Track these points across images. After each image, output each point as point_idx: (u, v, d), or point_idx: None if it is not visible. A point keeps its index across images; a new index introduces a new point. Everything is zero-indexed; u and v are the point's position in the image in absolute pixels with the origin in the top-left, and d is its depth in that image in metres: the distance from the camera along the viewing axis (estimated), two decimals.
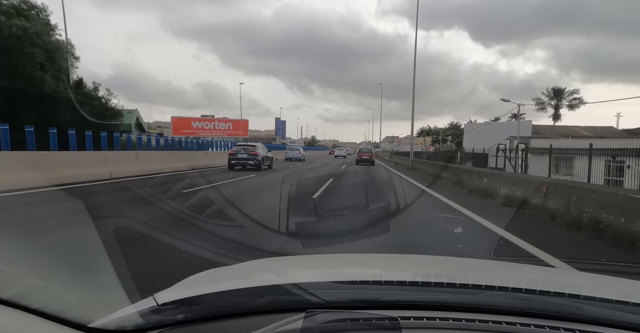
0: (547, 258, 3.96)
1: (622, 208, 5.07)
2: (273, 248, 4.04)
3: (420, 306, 1.02)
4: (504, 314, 0.97)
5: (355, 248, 4.16)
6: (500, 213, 7.11)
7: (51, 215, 5.84)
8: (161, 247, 4.01)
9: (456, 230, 5.31)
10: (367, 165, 25.03)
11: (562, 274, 2.38)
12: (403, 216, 6.57)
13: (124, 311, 1.00)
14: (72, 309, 0.96)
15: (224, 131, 55.92)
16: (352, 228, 5.29)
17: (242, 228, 5.17)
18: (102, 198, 7.72)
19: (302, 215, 6.01)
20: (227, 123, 57.15)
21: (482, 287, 1.13)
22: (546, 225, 6.00)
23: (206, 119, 58.23)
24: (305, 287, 1.06)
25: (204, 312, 0.99)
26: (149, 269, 3.26)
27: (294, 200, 7.88)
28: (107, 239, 3.93)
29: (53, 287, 1.16)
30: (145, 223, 5.13)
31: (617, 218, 5.05)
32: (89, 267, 2.99)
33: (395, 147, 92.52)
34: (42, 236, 4.30)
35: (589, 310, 0.98)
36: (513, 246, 4.52)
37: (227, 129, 56.28)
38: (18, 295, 0.90)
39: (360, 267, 1.64)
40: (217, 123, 57.25)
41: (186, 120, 56.00)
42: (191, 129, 53.47)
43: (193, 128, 54.00)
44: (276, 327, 0.89)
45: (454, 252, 4.21)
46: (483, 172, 12.28)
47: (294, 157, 28.85)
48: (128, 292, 1.43)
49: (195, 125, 54.85)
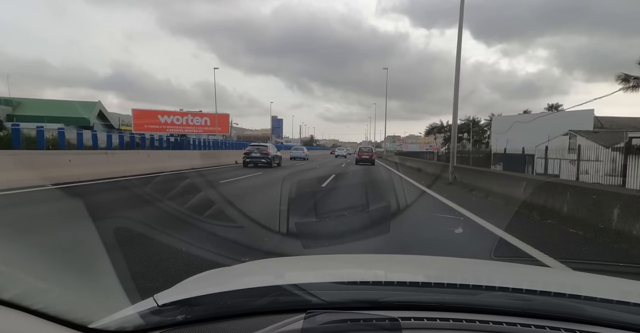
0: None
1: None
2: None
3: (420, 306, 1.02)
4: (504, 314, 0.97)
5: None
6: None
7: None
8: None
9: None
10: (368, 165, 25.20)
11: (563, 274, 2.38)
12: None
13: (124, 312, 1.00)
14: (72, 310, 0.96)
15: (199, 127, 49.10)
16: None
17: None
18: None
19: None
20: (204, 118, 49.62)
21: (483, 288, 1.13)
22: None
23: (177, 113, 50.99)
24: (306, 287, 1.06)
25: (204, 313, 0.99)
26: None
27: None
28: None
29: (53, 288, 1.16)
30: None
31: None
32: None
33: (398, 147, 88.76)
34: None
35: (590, 310, 0.98)
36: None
37: (203, 125, 49.40)
38: (19, 296, 0.90)
39: (361, 268, 1.64)
40: (190, 117, 49.61)
41: (151, 113, 48.17)
42: (158, 123, 46.76)
43: (160, 123, 47.17)
44: (276, 327, 0.89)
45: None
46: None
47: (299, 156, 32.17)
48: (128, 292, 1.43)
49: (164, 120, 47.82)
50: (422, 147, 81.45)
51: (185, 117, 49.71)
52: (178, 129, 46.50)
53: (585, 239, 5.05)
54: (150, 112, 48.72)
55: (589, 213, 5.48)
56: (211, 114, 49.29)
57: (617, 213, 4.89)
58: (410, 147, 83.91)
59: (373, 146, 45.78)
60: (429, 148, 70.03)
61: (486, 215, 6.53)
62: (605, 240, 4.87)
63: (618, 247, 4.60)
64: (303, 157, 32.26)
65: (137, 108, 48.33)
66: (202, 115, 50.26)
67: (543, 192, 6.84)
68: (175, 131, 45.04)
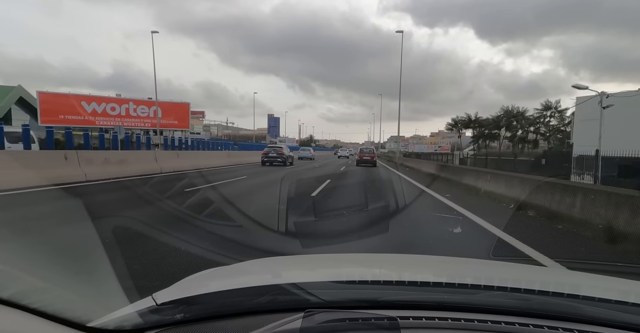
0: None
1: None
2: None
3: (419, 306, 1.02)
4: (502, 314, 0.98)
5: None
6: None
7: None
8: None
9: None
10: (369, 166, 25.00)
11: (561, 274, 2.38)
12: None
13: (123, 311, 1.00)
14: (71, 309, 0.96)
15: (145, 120, 36.61)
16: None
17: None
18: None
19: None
20: (152, 107, 35.79)
21: (481, 287, 1.13)
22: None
23: (112, 99, 36.81)
24: (304, 286, 1.07)
25: (203, 312, 0.99)
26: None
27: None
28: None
29: (52, 286, 1.16)
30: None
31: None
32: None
33: (403, 147, 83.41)
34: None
35: (588, 310, 0.99)
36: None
37: (147, 118, 36.64)
38: (17, 294, 0.90)
39: (359, 267, 1.64)
40: (133, 106, 36.32)
41: (68, 99, 33.37)
42: (80, 113, 33.50)
43: (87, 113, 33.99)
44: (275, 326, 0.89)
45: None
46: None
47: (306, 156, 36.50)
48: (127, 291, 1.43)
49: (91, 108, 34.37)
50: (429, 147, 77.64)
51: (124, 105, 36.34)
52: (114, 121, 32.66)
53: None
54: (67, 97, 33.63)
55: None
56: (166, 103, 37.18)
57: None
58: (417, 148, 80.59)
59: (375, 147, 45.12)
60: (437, 149, 65.23)
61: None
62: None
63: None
64: (310, 156, 36.36)
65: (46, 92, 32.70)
66: (149, 104, 36.31)
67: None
68: (108, 124, 31.69)
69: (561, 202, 6.43)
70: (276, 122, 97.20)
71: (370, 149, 29.16)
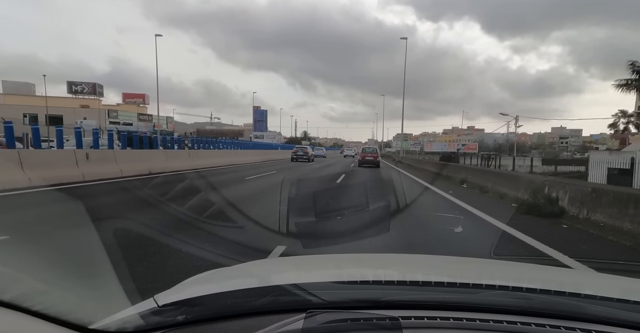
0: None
1: None
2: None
3: (421, 306, 1.02)
4: (504, 313, 0.97)
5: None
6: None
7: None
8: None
9: None
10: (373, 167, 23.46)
11: (563, 273, 2.38)
12: None
13: (125, 312, 1.00)
14: (72, 311, 0.96)
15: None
16: None
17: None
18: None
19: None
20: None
21: (483, 286, 1.13)
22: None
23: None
24: (306, 287, 1.06)
25: (204, 313, 0.99)
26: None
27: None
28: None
29: (54, 289, 1.16)
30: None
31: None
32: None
33: (412, 146, 72.67)
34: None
35: (590, 308, 0.98)
36: None
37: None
38: (19, 297, 0.90)
39: (361, 267, 1.64)
40: None
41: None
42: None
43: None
44: (277, 327, 0.89)
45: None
46: None
47: (319, 154, 44.14)
48: (128, 293, 1.43)
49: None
50: (451, 146, 66.54)
51: None
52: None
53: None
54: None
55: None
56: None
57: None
58: (435, 147, 67.79)
59: (379, 146, 44.08)
60: (460, 148, 57.52)
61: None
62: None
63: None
64: (323, 155, 46.15)
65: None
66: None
67: None
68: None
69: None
70: (263, 116, 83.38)
71: (373, 148, 27.36)
